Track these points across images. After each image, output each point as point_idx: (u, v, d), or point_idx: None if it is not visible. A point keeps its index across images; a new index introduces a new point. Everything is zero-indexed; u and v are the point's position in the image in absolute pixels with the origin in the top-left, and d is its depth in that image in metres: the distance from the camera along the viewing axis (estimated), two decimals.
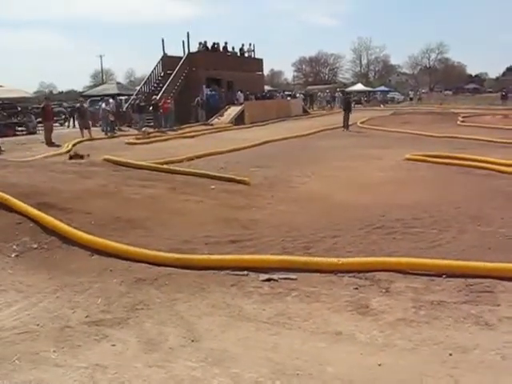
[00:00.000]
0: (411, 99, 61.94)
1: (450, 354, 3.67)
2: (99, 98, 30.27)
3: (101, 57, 75.37)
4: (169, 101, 28.12)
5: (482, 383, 3.35)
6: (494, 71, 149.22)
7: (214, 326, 4.16)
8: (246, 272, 5.33)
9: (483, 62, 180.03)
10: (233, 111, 31.52)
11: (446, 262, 5.24)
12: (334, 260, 5.39)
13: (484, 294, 4.72)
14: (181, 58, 34.32)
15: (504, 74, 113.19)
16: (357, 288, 4.91)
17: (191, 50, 35.22)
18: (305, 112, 39.27)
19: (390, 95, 67.37)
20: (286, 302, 4.65)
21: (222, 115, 31.03)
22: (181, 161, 13.49)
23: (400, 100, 63.52)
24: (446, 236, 6.47)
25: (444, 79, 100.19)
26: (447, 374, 3.42)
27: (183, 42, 34.50)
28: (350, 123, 24.87)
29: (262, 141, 18.69)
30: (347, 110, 25.27)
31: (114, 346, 3.84)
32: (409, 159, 13.10)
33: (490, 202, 8.28)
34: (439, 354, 3.69)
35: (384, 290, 4.86)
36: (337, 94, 49.68)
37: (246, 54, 41.66)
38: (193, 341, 3.91)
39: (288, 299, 4.70)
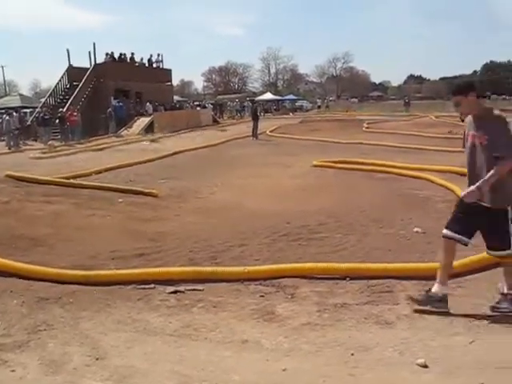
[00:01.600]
0: (319, 107, 63.59)
1: (352, 354, 3.79)
2: (3, 111, 29.10)
3: (2, 67, 72.32)
4: (75, 113, 27.48)
5: (380, 379, 3.48)
6: (397, 79, 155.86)
7: (120, 342, 4.10)
8: (152, 285, 5.28)
9: (386, 71, 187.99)
10: (142, 122, 31.20)
11: (348, 265, 5.43)
12: (241, 269, 5.46)
13: (384, 294, 4.93)
14: (87, 68, 33.67)
15: (405, 82, 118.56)
16: (263, 295, 4.98)
17: (98, 61, 34.61)
18: (215, 122, 39.35)
19: (298, 103, 68.86)
20: (192, 313, 4.65)
21: (131, 127, 30.65)
22: (89, 174, 13.19)
23: (308, 108, 65.00)
24: (350, 240, 6.70)
25: (350, 87, 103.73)
26: (348, 373, 3.54)
27: (89, 53, 33.86)
28: (259, 132, 25.22)
29: (171, 152, 18.58)
30: (255, 118, 25.61)
31: (13, 371, 3.69)
32: (316, 166, 13.45)
33: (392, 205, 8.66)
34: (342, 355, 3.80)
35: (289, 296, 4.96)
36: (246, 103, 50.17)
37: (155, 65, 41.39)
38: (98, 359, 3.82)
39: (194, 310, 4.71)
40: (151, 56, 40.74)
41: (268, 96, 69.58)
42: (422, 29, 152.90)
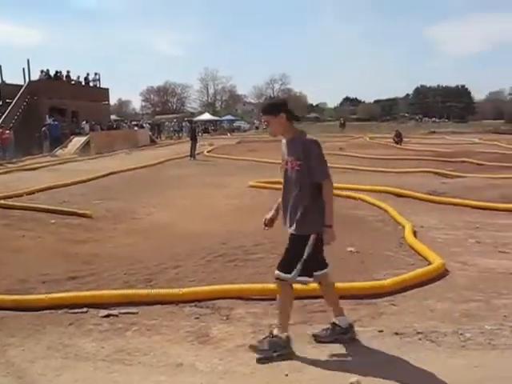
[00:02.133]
0: (257, 128, 64.12)
1: (286, 375, 3.81)
2: None
3: None
4: (8, 131, 26.68)
5: None
6: (333, 101, 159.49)
7: (49, 369, 3.96)
8: (85, 309, 5.15)
9: (323, 93, 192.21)
10: (78, 142, 30.66)
11: None
12: (176, 290, 5.39)
13: (317, 313, 4.97)
14: (21, 86, 32.84)
15: (341, 104, 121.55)
16: (198, 317, 4.94)
17: (33, 78, 33.86)
18: (152, 142, 39.17)
19: (236, 124, 69.44)
20: (125, 337, 4.56)
21: (66, 146, 30.06)
22: (20, 195, 12.78)
23: (246, 128, 65.59)
24: None
25: None
26: None
27: (23, 70, 33.09)
28: (197, 152, 25.23)
29: (107, 172, 18.28)
30: (193, 139, 25.61)
31: None
32: (252, 186, 13.53)
33: None
34: (276, 376, 3.81)
35: (224, 318, 4.94)
36: (184, 124, 50.13)
37: (92, 84, 40.87)
38: None
39: (128, 334, 4.61)
40: (88, 74, 40.32)
41: (206, 116, 69.89)
42: (358, 53, 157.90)
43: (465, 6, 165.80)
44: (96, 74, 40.91)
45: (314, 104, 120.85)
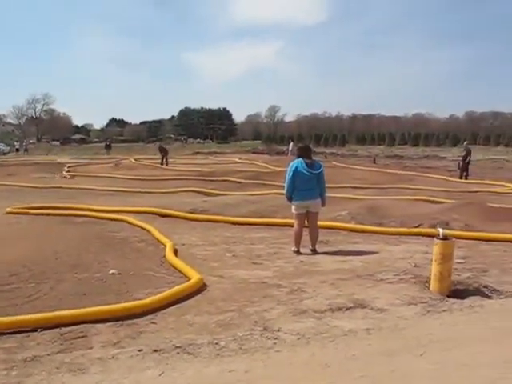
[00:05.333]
0: (17, 150, 60.37)
1: None
2: None
3: None
4: None
5: None
6: (99, 122, 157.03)
7: None
8: None
9: (88, 114, 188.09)
10: None
11: (38, 316, 5.21)
12: None
13: (78, 340, 4.87)
14: None
15: (108, 125, 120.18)
16: None
17: None
18: None
19: None
20: None
21: None
22: None
23: (6, 151, 61.16)
24: (43, 288, 6.44)
25: (51, 130, 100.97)
26: None
27: None
28: None
29: None
30: None
31: None
32: (10, 213, 12.70)
33: (89, 248, 8.59)
34: None
35: None
36: None
37: None
38: None
39: None
40: None
41: None
42: (121, 76, 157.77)
43: (227, 33, 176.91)
44: None
45: (80, 125, 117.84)
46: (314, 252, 8.41)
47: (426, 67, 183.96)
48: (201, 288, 6.30)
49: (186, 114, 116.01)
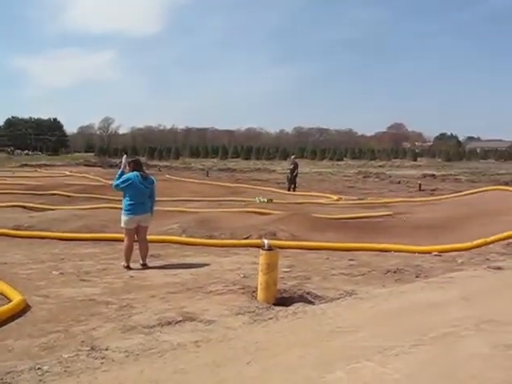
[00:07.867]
0: None
1: None
2: None
3: None
4: None
5: None
6: None
7: None
8: None
9: None
10: None
11: None
12: None
13: None
14: None
15: None
16: None
17: None
18: None
19: None
20: None
21: None
22: None
23: None
24: None
25: None
26: None
27: None
28: None
29: None
30: None
31: None
32: None
33: None
34: None
35: None
36: None
37: None
38: None
39: None
40: None
41: None
42: None
43: (58, 40, 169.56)
44: None
45: None
46: (145, 266, 8.38)
47: (257, 84, 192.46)
48: (23, 309, 5.97)
49: (12, 123, 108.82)
